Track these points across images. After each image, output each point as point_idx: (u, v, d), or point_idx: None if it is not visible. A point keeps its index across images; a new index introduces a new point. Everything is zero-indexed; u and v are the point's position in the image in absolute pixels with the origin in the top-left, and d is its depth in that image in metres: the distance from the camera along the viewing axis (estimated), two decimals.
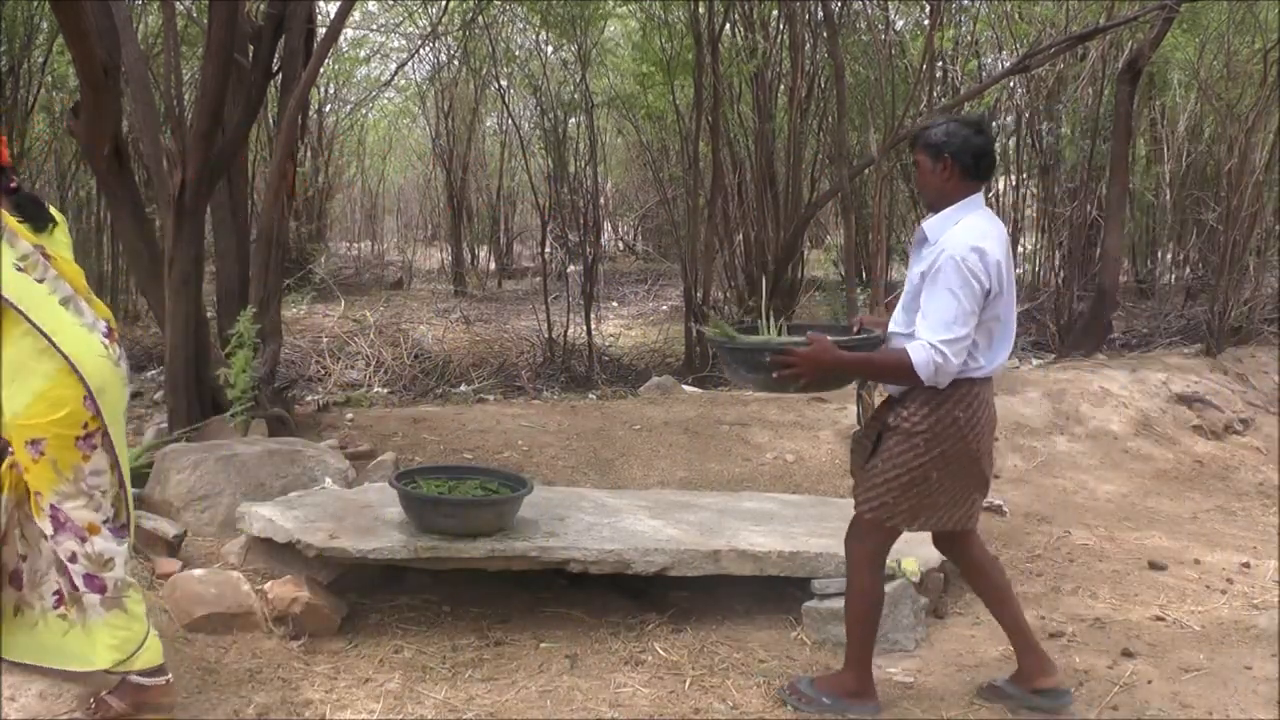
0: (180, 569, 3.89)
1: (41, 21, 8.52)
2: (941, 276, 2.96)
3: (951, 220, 3.06)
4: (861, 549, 3.22)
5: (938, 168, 3.08)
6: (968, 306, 2.94)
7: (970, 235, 2.99)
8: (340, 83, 14.04)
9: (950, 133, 3.07)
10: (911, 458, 3.06)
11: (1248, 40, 9.09)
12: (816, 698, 3.26)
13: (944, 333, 2.94)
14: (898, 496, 3.10)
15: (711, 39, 8.51)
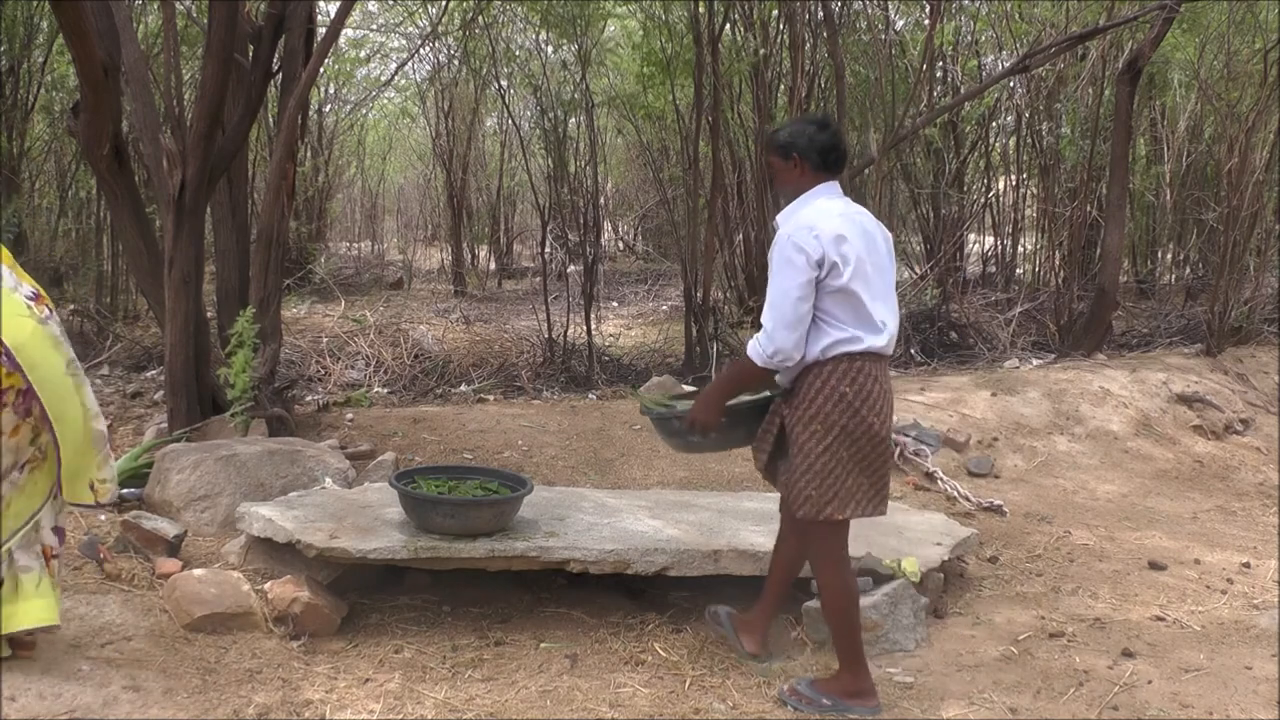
0: (180, 569, 3.89)
1: (41, 21, 8.51)
2: (772, 262, 3.14)
3: (796, 208, 3.23)
4: (818, 549, 3.30)
5: (789, 165, 3.26)
6: (788, 285, 3.07)
7: (803, 217, 3.16)
8: (340, 83, 14.03)
9: (795, 132, 3.27)
10: (815, 443, 3.15)
11: (1248, 40, 9.09)
12: (817, 699, 3.28)
13: (769, 315, 3.10)
14: (819, 487, 3.16)
15: (711, 39, 8.50)
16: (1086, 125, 9.20)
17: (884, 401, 3.19)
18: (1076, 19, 8.62)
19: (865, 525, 4.42)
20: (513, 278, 15.21)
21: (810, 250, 3.06)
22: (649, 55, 9.38)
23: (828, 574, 3.27)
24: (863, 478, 3.18)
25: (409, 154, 18.59)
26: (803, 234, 3.08)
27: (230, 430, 5.18)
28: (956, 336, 9.16)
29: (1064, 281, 9.03)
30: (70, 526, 4.32)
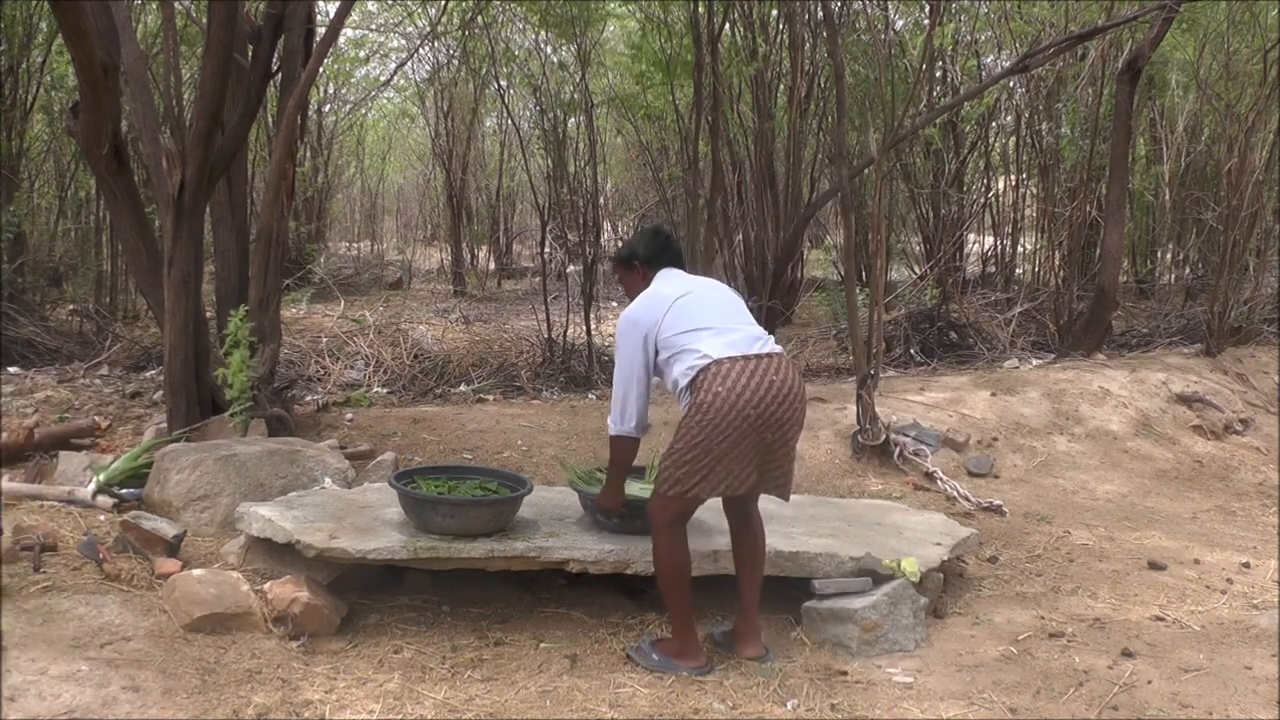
0: (180, 569, 3.89)
1: (41, 21, 8.51)
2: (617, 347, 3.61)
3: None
4: (660, 516, 3.57)
5: (632, 274, 3.80)
6: (625, 370, 3.58)
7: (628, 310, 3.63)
8: (340, 83, 14.03)
9: (631, 244, 3.87)
10: (696, 432, 3.44)
11: (1247, 40, 9.09)
12: (648, 654, 3.60)
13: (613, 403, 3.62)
14: (689, 469, 3.46)
15: (711, 39, 8.50)
16: (1086, 125, 9.20)
17: (769, 395, 3.44)
18: (1076, 19, 8.63)
19: (865, 525, 4.43)
20: (512, 278, 15.21)
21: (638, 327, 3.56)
22: (648, 55, 9.38)
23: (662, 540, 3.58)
24: (730, 464, 3.47)
25: (408, 154, 18.60)
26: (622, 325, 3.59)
27: (229, 430, 5.17)
28: (956, 336, 9.16)
29: (1064, 281, 9.04)
30: (70, 526, 4.33)
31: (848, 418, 6.25)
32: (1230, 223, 8.18)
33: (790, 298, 10.47)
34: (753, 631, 3.70)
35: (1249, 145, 8.18)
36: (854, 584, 3.87)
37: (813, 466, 5.85)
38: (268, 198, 5.54)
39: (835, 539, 4.15)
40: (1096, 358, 8.15)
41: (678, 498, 3.52)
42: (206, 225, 5.97)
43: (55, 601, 3.59)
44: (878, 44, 8.71)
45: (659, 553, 3.60)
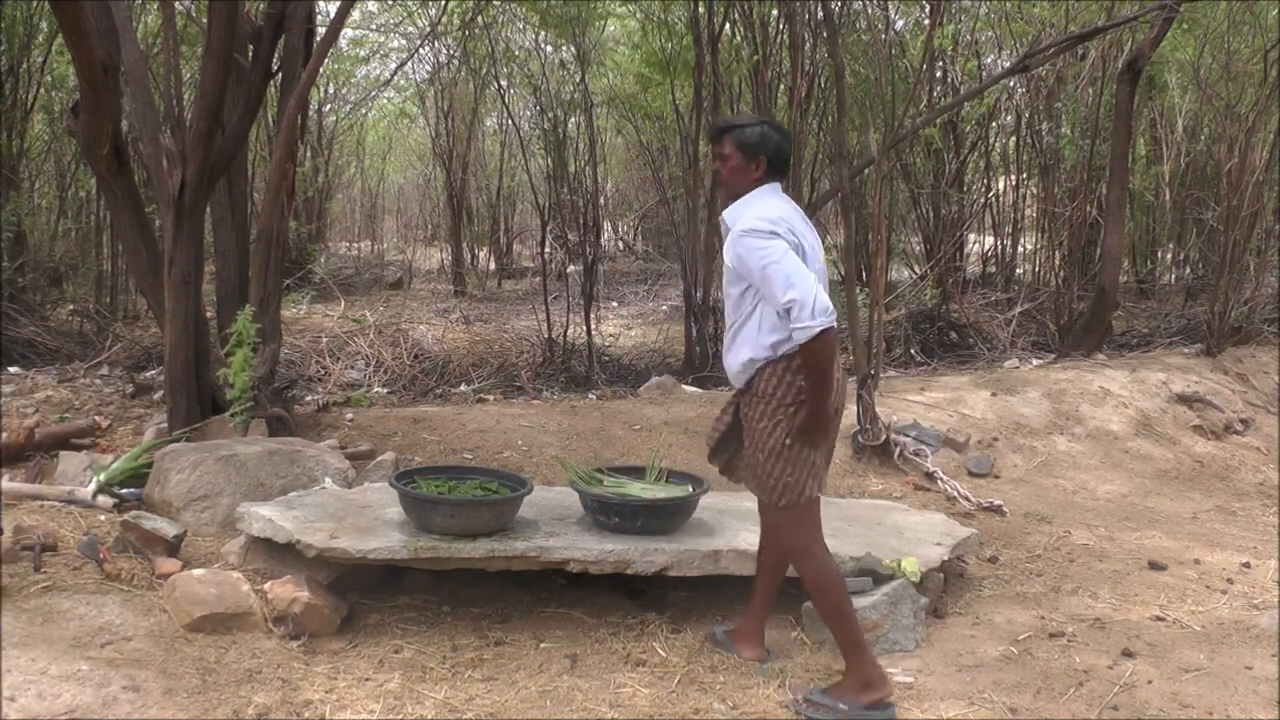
0: (180, 569, 3.89)
1: (41, 21, 8.51)
2: (753, 255, 3.14)
3: (745, 205, 3.30)
4: (796, 537, 3.34)
5: (750, 166, 3.32)
6: (783, 259, 3.10)
7: (760, 208, 3.22)
8: (340, 83, 14.03)
9: (765, 135, 3.33)
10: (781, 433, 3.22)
11: (1247, 40, 9.09)
12: (833, 705, 3.25)
13: (790, 291, 3.08)
14: (799, 465, 3.24)
15: (711, 39, 8.51)
16: (1086, 125, 9.20)
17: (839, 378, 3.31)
18: (1076, 19, 8.62)
19: (866, 525, 4.43)
20: (512, 278, 15.21)
21: (784, 234, 3.16)
22: (648, 55, 9.39)
23: (815, 565, 3.33)
24: (819, 455, 3.30)
25: (409, 154, 18.60)
26: (770, 223, 3.17)
27: (230, 430, 5.17)
28: (956, 336, 9.16)
29: (1064, 281, 9.04)
30: (70, 526, 4.33)
31: (848, 418, 6.24)
32: (1230, 222, 8.18)
33: None
34: (757, 633, 3.69)
35: (1249, 145, 8.18)
36: (854, 584, 3.87)
37: None
38: (268, 198, 5.53)
39: (835, 539, 4.14)
40: (1097, 358, 8.14)
41: (808, 506, 3.31)
42: (207, 225, 5.97)
43: (55, 601, 3.59)
44: (878, 44, 8.71)
45: (811, 578, 3.33)
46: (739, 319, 3.30)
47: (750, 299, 3.25)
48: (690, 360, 8.71)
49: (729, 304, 3.36)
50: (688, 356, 8.79)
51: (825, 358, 3.13)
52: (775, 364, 3.22)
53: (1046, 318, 9.14)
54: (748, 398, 3.32)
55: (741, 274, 3.22)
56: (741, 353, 3.29)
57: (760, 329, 3.23)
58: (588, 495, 4.05)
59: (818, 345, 3.08)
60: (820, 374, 3.16)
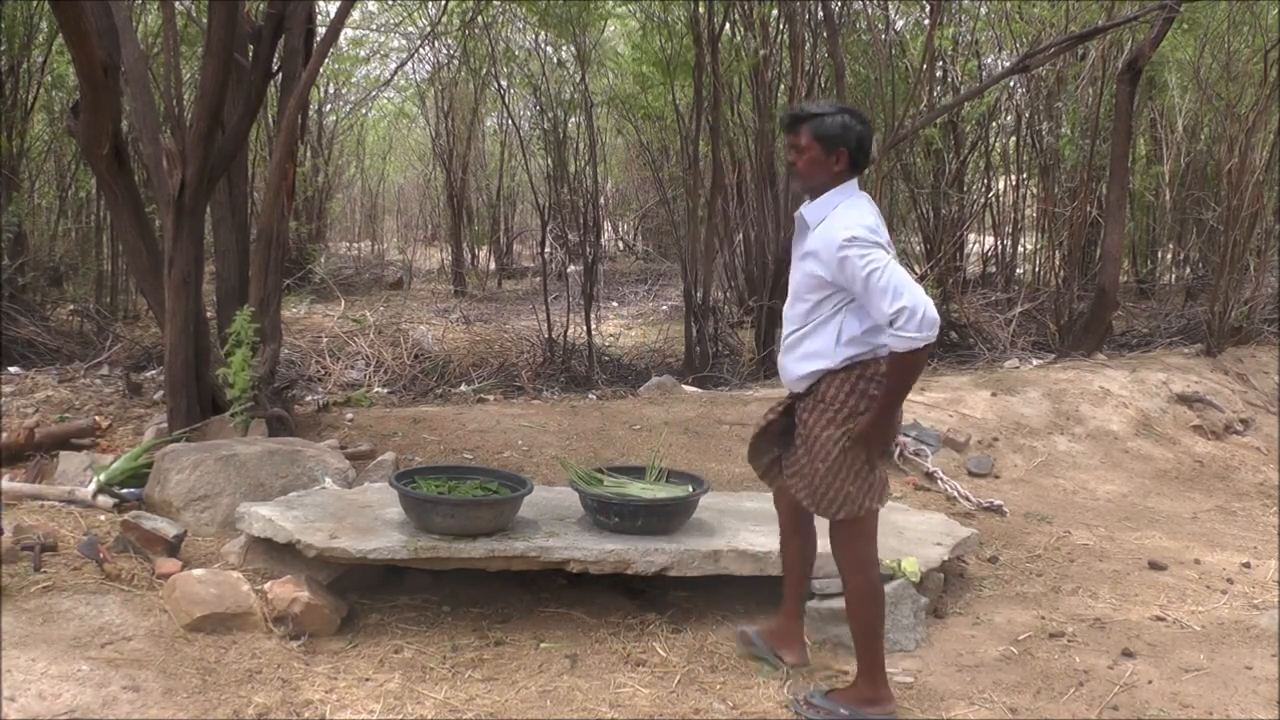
0: (180, 569, 3.89)
1: (41, 21, 8.51)
2: (857, 263, 2.97)
3: (841, 205, 3.11)
4: (854, 551, 3.23)
5: (830, 159, 3.13)
6: (895, 271, 2.95)
7: (858, 216, 3.06)
8: (340, 83, 14.03)
9: (846, 126, 3.13)
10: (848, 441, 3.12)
11: (1247, 40, 9.09)
12: (834, 710, 3.22)
13: (898, 296, 2.92)
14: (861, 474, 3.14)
15: (711, 39, 8.51)
16: (1086, 125, 9.20)
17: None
18: (1076, 19, 8.63)
19: None
20: (513, 278, 15.22)
21: (885, 244, 3.03)
22: (648, 55, 9.39)
23: (863, 576, 3.24)
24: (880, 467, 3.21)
25: (409, 154, 18.60)
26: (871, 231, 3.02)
27: (230, 430, 5.17)
28: (956, 336, 9.16)
29: (1064, 281, 9.04)
30: (70, 526, 4.33)
31: None
32: (1230, 223, 8.18)
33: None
34: (797, 636, 3.59)
35: (1249, 145, 8.18)
36: None
37: None
38: (268, 198, 5.53)
39: None
40: (1097, 358, 8.14)
41: (867, 518, 3.22)
42: (207, 225, 5.97)
43: (55, 601, 3.59)
44: (878, 44, 8.71)
45: (859, 591, 3.24)
46: (808, 324, 3.16)
47: (829, 307, 3.11)
48: (690, 360, 8.71)
49: (797, 307, 3.20)
50: (688, 356, 8.79)
51: (915, 371, 3.04)
52: (849, 371, 3.11)
53: (1046, 318, 9.14)
54: (809, 402, 3.19)
55: (832, 281, 3.06)
56: (810, 362, 3.16)
57: (839, 339, 3.10)
58: (588, 495, 4.04)
59: (914, 359, 2.97)
60: (904, 386, 3.07)
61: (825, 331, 3.12)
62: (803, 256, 3.16)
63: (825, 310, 3.11)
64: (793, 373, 3.22)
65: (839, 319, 3.10)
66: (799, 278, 3.18)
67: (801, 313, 3.18)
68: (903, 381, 3.06)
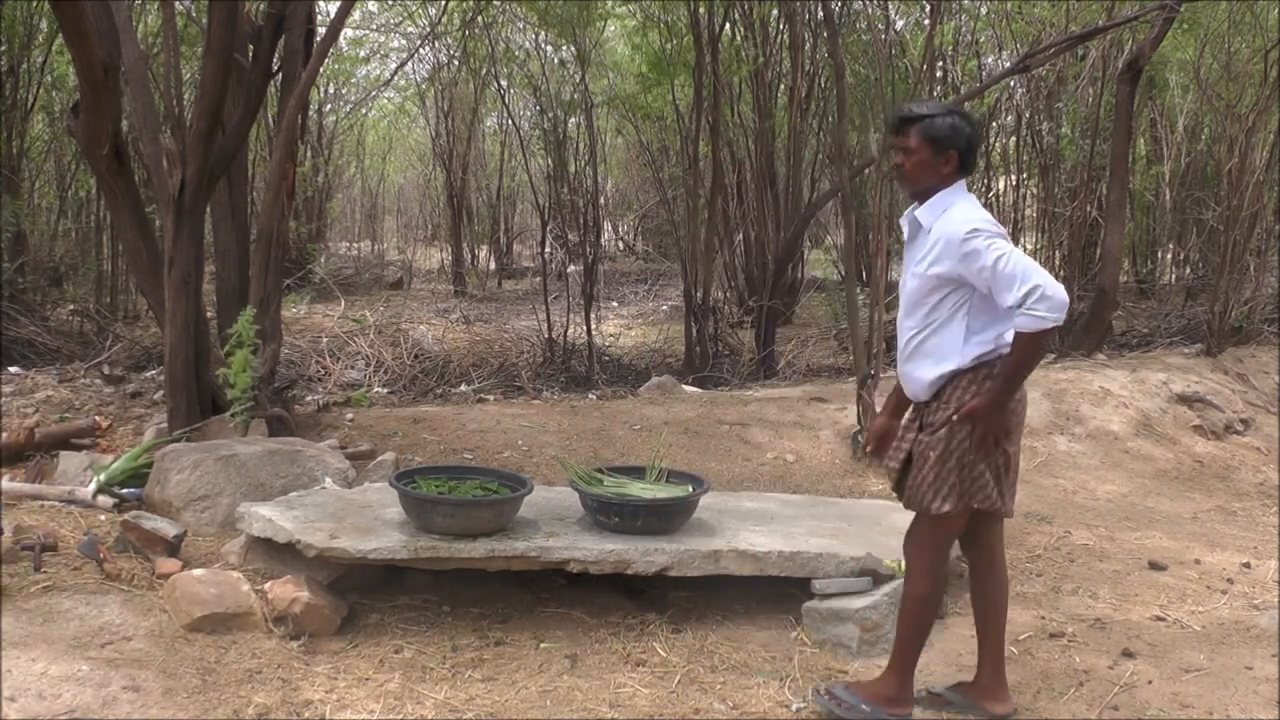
0: (180, 569, 3.89)
1: (41, 21, 8.52)
2: (984, 252, 2.91)
3: (943, 206, 3.07)
4: (930, 537, 3.13)
5: (939, 161, 3.07)
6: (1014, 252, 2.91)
7: (973, 212, 3.02)
8: (340, 83, 14.04)
9: (956, 127, 3.07)
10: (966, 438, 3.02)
11: (1248, 40, 9.09)
12: (855, 704, 3.19)
13: (1028, 279, 2.86)
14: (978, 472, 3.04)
15: (711, 39, 8.51)
16: (1086, 125, 9.20)
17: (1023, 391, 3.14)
18: (1076, 19, 8.62)
19: (866, 525, 4.44)
20: (513, 278, 15.23)
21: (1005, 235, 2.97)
22: (649, 55, 9.39)
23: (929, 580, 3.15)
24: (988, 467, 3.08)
25: (409, 154, 18.61)
26: (992, 224, 2.98)
27: (230, 430, 5.17)
28: None
29: (1064, 281, 9.02)
30: (70, 526, 4.33)
31: (848, 418, 6.25)
32: (1231, 223, 8.18)
33: (791, 298, 10.48)
34: (1003, 684, 3.33)
35: (1249, 145, 8.18)
36: (854, 584, 3.87)
37: (813, 466, 5.85)
38: (268, 198, 5.54)
39: (836, 539, 4.15)
40: (1097, 358, 8.14)
41: (958, 518, 3.10)
42: (207, 225, 5.97)
43: (56, 601, 3.59)
44: (878, 44, 8.71)
45: (920, 594, 3.15)
46: (928, 327, 3.08)
47: (949, 306, 3.04)
48: (690, 360, 8.71)
49: (915, 314, 3.11)
50: (688, 356, 8.79)
51: (1039, 353, 2.99)
52: (976, 372, 3.03)
53: None
54: (934, 405, 3.10)
55: (956, 276, 2.99)
56: (938, 365, 3.07)
57: (965, 338, 3.03)
58: (588, 495, 4.04)
59: (1041, 340, 2.91)
60: (1027, 366, 2.99)
61: (950, 331, 3.06)
62: (917, 260, 3.09)
63: (945, 310, 3.05)
64: (921, 379, 3.12)
65: (962, 317, 3.04)
66: (915, 283, 3.10)
67: (920, 317, 3.10)
68: (1026, 362, 2.97)
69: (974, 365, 3.04)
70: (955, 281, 3.01)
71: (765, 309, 8.79)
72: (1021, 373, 3.00)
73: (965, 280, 2.99)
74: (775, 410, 6.42)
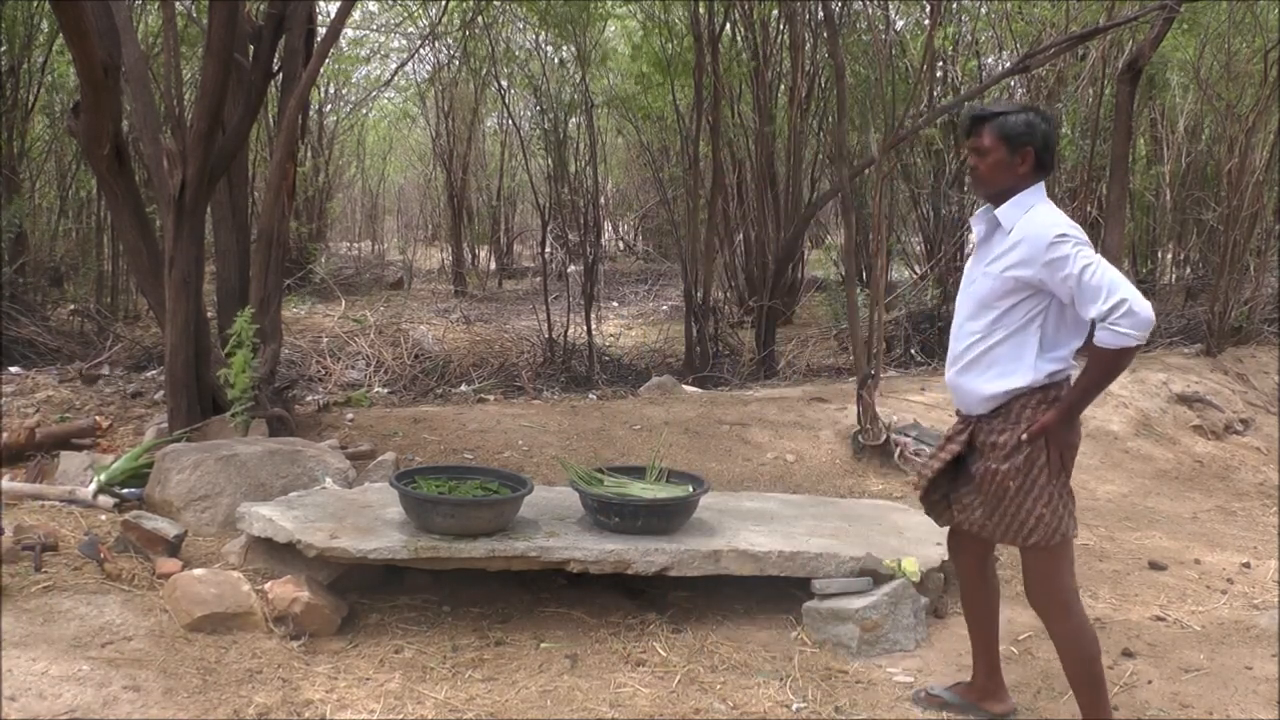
0: (180, 569, 3.89)
1: (41, 21, 8.52)
2: (1069, 261, 2.77)
3: (1026, 206, 2.93)
4: (1059, 585, 2.96)
5: (1015, 160, 2.94)
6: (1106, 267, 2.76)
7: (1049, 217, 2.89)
8: (340, 83, 14.05)
9: (1031, 124, 2.94)
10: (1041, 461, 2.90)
11: (1248, 40, 9.09)
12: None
13: (1115, 291, 2.72)
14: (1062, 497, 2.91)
15: (711, 39, 8.51)
16: (1086, 125, 9.20)
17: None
18: (1076, 19, 8.62)
19: (866, 525, 4.44)
20: (513, 278, 15.24)
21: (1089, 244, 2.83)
22: (649, 56, 9.40)
23: (1063, 616, 2.97)
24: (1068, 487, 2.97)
25: (409, 154, 18.62)
26: (1077, 229, 2.84)
27: (230, 430, 5.18)
28: None
29: None
30: (71, 526, 4.33)
31: (848, 418, 6.25)
32: (1231, 223, 8.18)
33: (791, 298, 10.48)
34: (1000, 684, 3.31)
35: (1249, 145, 8.18)
36: (854, 584, 3.88)
37: (813, 466, 5.85)
38: (268, 198, 5.54)
39: (836, 539, 4.15)
40: None
41: (1063, 546, 2.94)
42: (207, 225, 5.97)
43: (56, 601, 3.59)
44: (878, 44, 8.71)
45: (1069, 632, 2.97)
46: (995, 336, 2.93)
47: (1021, 314, 2.89)
48: (690, 360, 8.71)
49: (981, 317, 2.96)
50: (688, 356, 8.79)
51: (1119, 370, 2.84)
52: (1046, 390, 2.90)
53: None
54: (997, 424, 2.94)
55: (1037, 282, 2.84)
56: (1005, 379, 2.92)
57: (1039, 352, 2.89)
58: (588, 495, 4.05)
59: (1124, 357, 2.75)
60: (1104, 382, 2.86)
61: (1021, 343, 2.91)
62: (991, 260, 2.94)
63: (1016, 319, 2.90)
64: (979, 392, 2.98)
65: (1036, 328, 2.89)
66: (988, 284, 2.94)
67: (988, 321, 2.94)
68: (1105, 378, 2.84)
69: (1045, 384, 2.90)
70: (1034, 287, 2.86)
71: (765, 309, 8.79)
72: (1099, 388, 2.87)
73: (1045, 287, 2.84)
74: (775, 410, 6.42)
